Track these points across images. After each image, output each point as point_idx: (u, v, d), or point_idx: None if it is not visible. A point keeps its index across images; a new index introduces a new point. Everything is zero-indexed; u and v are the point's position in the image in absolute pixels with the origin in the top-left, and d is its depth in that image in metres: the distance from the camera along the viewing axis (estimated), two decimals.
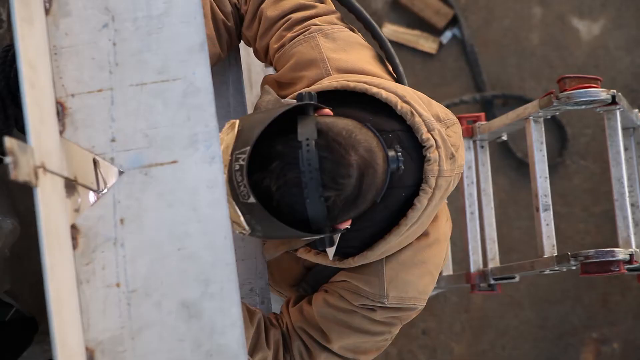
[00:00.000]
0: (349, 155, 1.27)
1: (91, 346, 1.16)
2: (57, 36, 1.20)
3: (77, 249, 1.17)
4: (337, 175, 1.25)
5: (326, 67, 1.50)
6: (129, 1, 1.20)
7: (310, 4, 1.59)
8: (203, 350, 1.16)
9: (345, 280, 1.52)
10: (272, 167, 1.26)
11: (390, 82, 1.47)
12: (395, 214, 1.42)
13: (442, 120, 1.44)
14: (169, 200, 1.18)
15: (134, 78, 1.19)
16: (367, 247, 1.45)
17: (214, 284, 1.17)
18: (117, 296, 1.16)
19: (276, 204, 1.27)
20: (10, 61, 1.48)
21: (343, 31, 1.57)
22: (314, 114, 1.33)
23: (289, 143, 1.26)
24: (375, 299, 1.49)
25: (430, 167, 1.39)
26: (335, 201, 1.27)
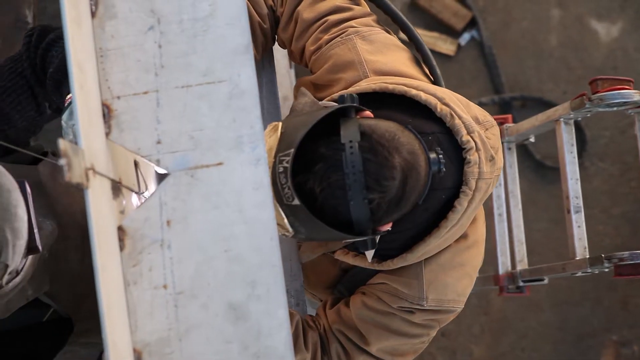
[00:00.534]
0: (392, 158, 1.27)
1: (139, 348, 1.16)
2: (103, 38, 1.20)
3: (123, 250, 1.17)
4: (381, 178, 1.26)
5: (364, 69, 1.51)
6: (175, 3, 1.20)
7: (346, 6, 1.59)
8: (250, 352, 1.16)
9: (384, 282, 1.52)
10: (316, 169, 1.27)
11: (428, 84, 1.47)
12: (435, 216, 1.43)
13: (481, 123, 1.44)
14: (215, 202, 1.18)
15: (180, 80, 1.19)
16: (406, 249, 1.46)
17: (261, 286, 1.17)
18: (164, 298, 1.16)
19: (320, 206, 1.27)
20: (34, 47, 1.48)
21: (380, 33, 1.57)
22: (356, 116, 1.33)
23: (332, 145, 1.27)
24: (414, 301, 1.49)
25: (470, 169, 1.40)
26: (380, 203, 1.27)
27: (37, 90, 1.49)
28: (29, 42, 1.49)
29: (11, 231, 1.24)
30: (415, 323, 1.52)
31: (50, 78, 1.43)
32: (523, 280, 2.16)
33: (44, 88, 1.49)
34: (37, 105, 1.51)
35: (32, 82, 1.48)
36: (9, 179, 1.27)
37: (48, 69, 1.46)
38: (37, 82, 1.49)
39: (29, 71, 1.48)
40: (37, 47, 1.47)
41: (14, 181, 1.28)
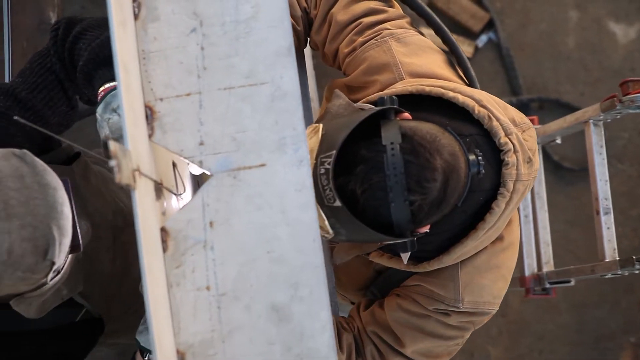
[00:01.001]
0: (434, 159, 1.27)
1: (182, 349, 1.16)
2: (146, 41, 1.20)
3: (166, 252, 1.17)
4: (423, 179, 1.25)
5: (399, 71, 1.51)
6: (217, 6, 1.20)
7: (380, 8, 1.59)
8: (293, 354, 1.17)
9: (419, 284, 1.52)
10: (357, 171, 1.27)
11: (465, 87, 1.47)
12: (472, 218, 1.42)
13: (518, 124, 1.44)
14: (258, 203, 1.18)
15: (222, 82, 1.20)
16: (442, 251, 1.45)
17: (303, 287, 1.17)
18: (207, 299, 1.17)
19: (361, 208, 1.27)
20: (61, 40, 1.47)
21: (414, 35, 1.57)
22: (395, 118, 1.33)
23: (373, 147, 1.27)
24: (450, 303, 1.49)
25: (508, 171, 1.39)
26: (421, 205, 1.27)
27: (67, 84, 1.48)
28: (56, 36, 1.47)
29: (58, 229, 1.25)
30: (451, 325, 1.52)
31: (81, 71, 1.42)
32: (549, 282, 2.16)
33: (74, 82, 1.48)
34: (68, 100, 1.50)
35: (61, 77, 1.47)
36: (55, 177, 1.28)
37: (77, 62, 1.45)
38: (67, 77, 1.48)
39: (58, 66, 1.46)
40: (65, 40, 1.46)
41: (59, 179, 1.29)
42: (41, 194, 1.24)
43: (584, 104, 3.55)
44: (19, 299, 1.36)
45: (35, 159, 1.27)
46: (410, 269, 1.50)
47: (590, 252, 3.46)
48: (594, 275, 2.03)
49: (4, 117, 1.45)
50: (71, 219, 1.30)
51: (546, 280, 2.17)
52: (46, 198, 1.24)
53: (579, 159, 3.58)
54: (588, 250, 3.48)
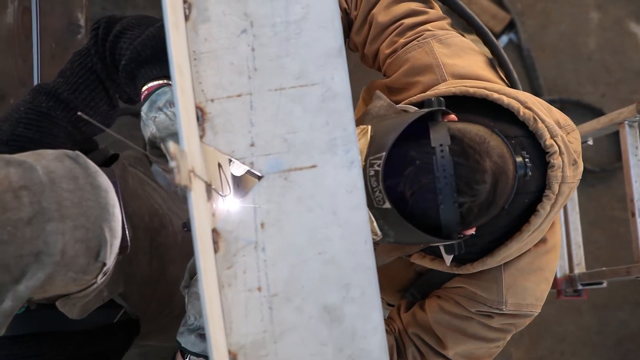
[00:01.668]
0: (484, 162, 1.26)
1: (234, 350, 1.16)
2: (197, 42, 1.20)
3: (218, 252, 1.17)
4: (473, 182, 1.25)
5: (442, 72, 1.50)
6: (268, 7, 1.20)
7: (421, 9, 1.59)
8: (345, 355, 1.17)
9: (461, 286, 1.51)
10: (407, 173, 1.26)
11: (509, 88, 1.47)
12: (516, 220, 1.42)
13: (562, 126, 1.44)
14: (309, 204, 1.18)
15: (273, 83, 1.20)
16: (486, 253, 1.45)
17: (355, 288, 1.17)
18: (259, 300, 1.17)
19: (410, 210, 1.27)
20: (102, 40, 1.47)
21: (456, 37, 1.57)
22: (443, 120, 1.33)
23: (422, 149, 1.26)
24: (493, 305, 1.49)
25: (553, 173, 1.39)
26: (471, 207, 1.26)
27: (108, 84, 1.48)
28: (96, 36, 1.47)
29: (109, 231, 1.25)
30: (493, 327, 1.51)
31: (123, 70, 1.41)
32: (582, 284, 2.16)
33: (115, 81, 1.48)
34: (110, 99, 1.50)
35: (102, 77, 1.47)
36: (106, 178, 1.28)
37: (118, 61, 1.45)
38: (108, 76, 1.47)
39: (99, 65, 1.46)
40: (105, 40, 1.46)
41: (109, 181, 1.29)
42: (94, 195, 1.24)
43: (605, 105, 3.55)
44: (65, 299, 1.37)
45: (87, 161, 1.28)
46: (453, 270, 1.50)
47: (611, 254, 3.45)
48: (629, 277, 2.02)
49: (47, 117, 1.45)
50: (121, 221, 1.30)
51: (578, 282, 2.16)
52: (98, 200, 1.25)
53: (599, 161, 3.57)
54: (609, 252, 3.47)
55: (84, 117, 1.49)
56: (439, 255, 1.50)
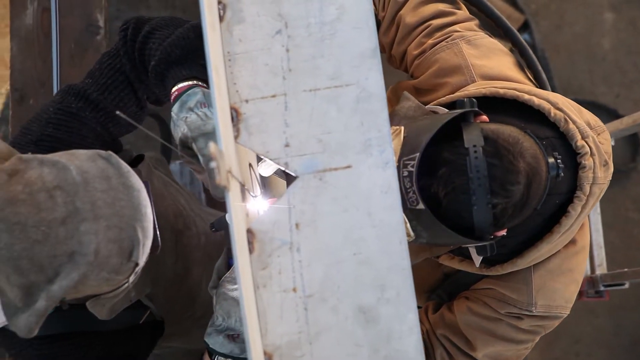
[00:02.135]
0: (517, 163, 1.26)
1: (269, 350, 1.16)
2: (231, 42, 1.20)
3: (252, 253, 1.17)
4: (506, 183, 1.25)
5: (471, 73, 1.50)
6: (302, 8, 1.20)
7: (449, 10, 1.59)
8: (381, 356, 1.16)
9: (491, 287, 1.51)
10: (440, 174, 1.26)
11: (538, 89, 1.47)
12: (547, 222, 1.42)
13: (593, 127, 1.44)
14: (344, 205, 1.18)
15: (307, 83, 1.19)
16: (516, 254, 1.45)
17: (390, 289, 1.17)
18: (294, 301, 1.17)
19: (443, 211, 1.27)
20: (130, 41, 1.47)
21: (484, 38, 1.57)
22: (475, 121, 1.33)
23: (455, 150, 1.26)
24: (522, 307, 1.49)
25: (585, 174, 1.39)
26: (505, 208, 1.26)
27: (136, 85, 1.48)
28: (125, 37, 1.48)
29: (142, 231, 1.25)
30: (522, 329, 1.51)
31: (153, 71, 1.42)
32: (604, 285, 2.15)
33: (144, 82, 1.48)
34: (138, 100, 1.50)
35: (131, 78, 1.47)
36: (137, 179, 1.28)
37: (147, 62, 1.45)
38: (137, 77, 1.47)
39: (128, 66, 1.46)
40: (134, 40, 1.46)
41: (141, 181, 1.29)
42: (126, 195, 1.24)
43: (619, 106, 3.54)
44: (95, 299, 1.37)
45: (120, 161, 1.28)
46: (483, 272, 1.49)
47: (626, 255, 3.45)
48: None
49: (77, 118, 1.46)
50: (152, 221, 1.30)
51: (600, 283, 2.15)
52: (131, 200, 1.25)
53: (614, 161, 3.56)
54: (625, 253, 3.47)
55: (112, 118, 1.49)
56: (467, 256, 1.49)
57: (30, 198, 1.19)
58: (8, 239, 1.18)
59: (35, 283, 1.21)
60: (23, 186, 1.19)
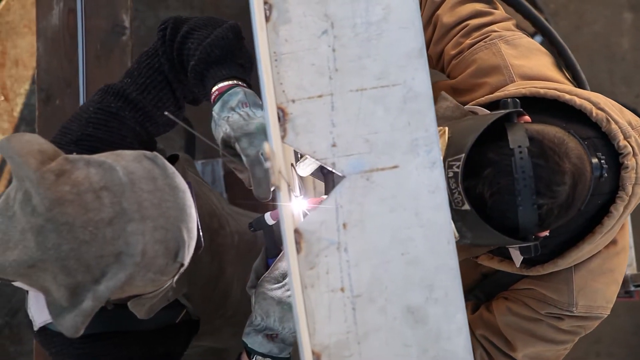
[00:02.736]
0: (563, 163, 1.26)
1: (317, 350, 1.16)
2: (277, 43, 1.20)
3: (300, 253, 1.17)
4: (552, 183, 1.25)
5: (510, 73, 1.50)
6: (348, 8, 1.20)
7: (487, 10, 1.59)
8: (429, 356, 1.16)
9: (530, 288, 1.50)
10: (485, 174, 1.26)
11: (579, 89, 1.46)
12: (588, 222, 1.41)
13: (634, 127, 1.43)
14: (391, 205, 1.18)
15: (354, 83, 1.20)
16: (557, 254, 1.44)
17: (439, 289, 1.17)
18: (342, 301, 1.17)
19: (488, 211, 1.27)
20: (169, 41, 1.47)
21: (523, 37, 1.57)
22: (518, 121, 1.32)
23: (500, 150, 1.26)
24: (563, 307, 1.48)
25: (627, 174, 1.38)
26: (551, 209, 1.26)
27: (175, 85, 1.48)
28: (164, 36, 1.48)
29: (187, 231, 1.25)
30: (562, 329, 1.51)
31: (192, 71, 1.42)
32: (634, 285, 2.15)
33: (182, 82, 1.48)
34: (176, 100, 1.50)
35: (170, 77, 1.47)
36: (182, 179, 1.28)
37: (186, 62, 1.45)
38: (175, 77, 1.48)
39: (167, 66, 1.46)
40: (173, 40, 1.47)
41: (185, 182, 1.30)
42: (172, 196, 1.25)
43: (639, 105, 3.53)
44: (136, 299, 1.37)
45: (165, 162, 1.28)
46: (523, 272, 1.49)
47: None
48: None
49: (117, 118, 1.46)
50: (196, 221, 1.30)
51: (631, 283, 2.15)
52: (176, 200, 1.25)
53: None
54: None
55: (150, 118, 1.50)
56: (507, 256, 1.49)
57: (78, 198, 1.19)
58: (56, 239, 1.18)
59: (82, 283, 1.21)
60: (70, 186, 1.19)
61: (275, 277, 1.42)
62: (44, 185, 1.18)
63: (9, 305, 3.33)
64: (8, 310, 3.33)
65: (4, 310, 3.33)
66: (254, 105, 1.36)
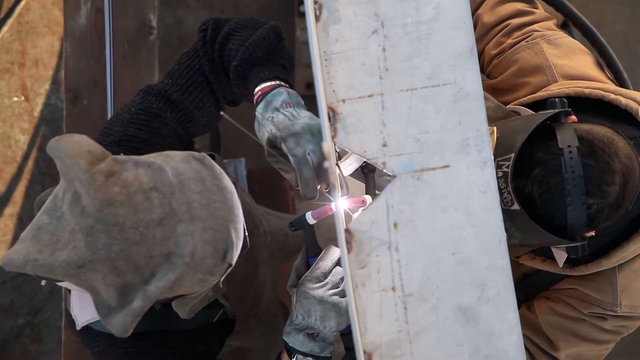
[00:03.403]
0: (613, 163, 1.26)
1: (369, 349, 1.16)
2: (327, 42, 1.20)
3: (350, 252, 1.17)
4: (603, 183, 1.24)
5: (552, 73, 1.50)
6: (398, 7, 1.20)
7: (528, 9, 1.58)
8: (482, 355, 1.16)
9: (573, 287, 1.50)
10: (534, 174, 1.26)
11: (623, 89, 1.46)
12: (632, 222, 1.41)
13: None
14: (442, 204, 1.18)
15: (404, 83, 1.20)
16: (601, 254, 1.44)
17: (490, 288, 1.17)
18: (393, 300, 1.17)
19: (538, 211, 1.27)
20: (210, 41, 1.47)
21: (565, 37, 1.57)
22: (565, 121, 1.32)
23: (549, 150, 1.26)
24: (607, 307, 1.48)
25: None
26: (601, 209, 1.26)
27: (215, 85, 1.48)
28: (204, 37, 1.48)
29: (235, 232, 1.26)
30: (605, 329, 1.50)
31: (235, 71, 1.42)
32: None
33: (222, 83, 1.48)
34: (217, 101, 1.50)
35: (211, 78, 1.48)
36: (229, 180, 1.28)
37: (226, 63, 1.45)
38: (216, 78, 1.48)
39: (208, 67, 1.47)
40: (214, 41, 1.47)
41: (231, 182, 1.30)
42: (220, 197, 1.25)
43: None
44: (181, 299, 1.37)
45: (213, 162, 1.28)
46: (566, 272, 1.49)
47: None
48: None
49: (158, 118, 1.46)
50: (243, 222, 1.30)
51: None
52: (225, 201, 1.25)
53: None
54: None
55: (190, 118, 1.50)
56: (549, 256, 1.49)
57: (128, 199, 1.19)
58: (106, 240, 1.18)
59: (131, 283, 1.21)
60: (120, 187, 1.19)
61: (317, 277, 1.42)
62: (94, 186, 1.19)
63: (30, 305, 3.34)
64: (29, 310, 3.34)
65: (25, 310, 3.34)
66: (297, 106, 1.36)
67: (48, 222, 1.24)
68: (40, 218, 1.25)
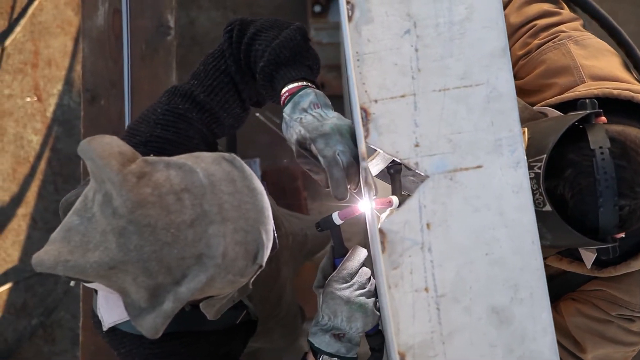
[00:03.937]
0: None
1: (402, 350, 1.16)
2: (360, 42, 1.20)
3: (384, 253, 1.17)
4: (635, 184, 1.24)
5: (580, 74, 1.49)
6: (431, 7, 1.20)
7: (554, 10, 1.58)
8: (515, 356, 1.16)
9: (600, 289, 1.49)
10: (566, 175, 1.25)
11: None
12: None
13: None
14: (475, 205, 1.18)
15: (437, 83, 1.19)
16: (629, 256, 1.43)
17: (523, 289, 1.17)
18: (426, 301, 1.17)
19: (570, 212, 1.26)
20: (236, 42, 1.46)
21: (592, 38, 1.56)
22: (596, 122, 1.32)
23: (581, 151, 1.25)
24: (635, 309, 1.47)
25: None
26: (634, 210, 1.25)
27: (241, 86, 1.48)
28: (230, 38, 1.47)
29: (265, 233, 1.25)
30: (633, 331, 1.50)
31: (261, 72, 1.42)
32: None
33: (248, 84, 1.48)
34: (242, 102, 1.50)
35: (236, 79, 1.47)
36: (259, 181, 1.28)
37: (252, 63, 1.45)
38: (242, 79, 1.47)
39: (233, 68, 1.46)
40: (240, 42, 1.46)
41: (261, 184, 1.29)
42: (251, 198, 1.24)
43: None
44: (208, 300, 1.37)
45: (243, 164, 1.28)
46: (594, 273, 1.48)
47: None
48: None
49: (185, 119, 1.46)
50: (272, 223, 1.30)
51: None
52: (255, 202, 1.25)
53: None
54: None
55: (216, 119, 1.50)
56: (577, 257, 1.48)
57: (159, 200, 1.19)
58: (138, 241, 1.18)
59: (162, 285, 1.21)
60: (152, 189, 1.19)
61: (343, 277, 1.41)
62: (126, 187, 1.18)
63: (43, 305, 3.35)
64: (43, 310, 3.34)
65: (39, 310, 3.35)
66: (325, 106, 1.35)
67: (78, 223, 1.24)
68: (70, 219, 1.24)
